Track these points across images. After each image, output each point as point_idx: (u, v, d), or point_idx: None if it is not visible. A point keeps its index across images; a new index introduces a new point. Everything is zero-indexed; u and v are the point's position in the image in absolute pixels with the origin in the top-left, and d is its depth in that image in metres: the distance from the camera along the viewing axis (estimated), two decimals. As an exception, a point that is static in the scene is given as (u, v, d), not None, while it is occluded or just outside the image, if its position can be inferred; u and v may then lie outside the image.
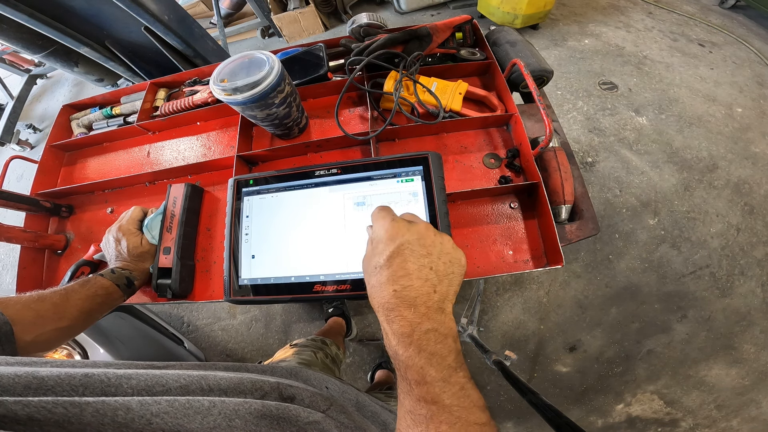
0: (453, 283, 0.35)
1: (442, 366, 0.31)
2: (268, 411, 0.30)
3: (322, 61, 0.79)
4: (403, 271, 0.33)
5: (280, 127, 0.74)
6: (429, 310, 0.32)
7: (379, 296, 0.34)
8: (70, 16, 1.19)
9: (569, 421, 0.66)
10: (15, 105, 2.81)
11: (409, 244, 0.35)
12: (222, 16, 2.22)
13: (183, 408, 0.26)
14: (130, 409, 0.24)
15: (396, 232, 0.36)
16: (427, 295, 0.33)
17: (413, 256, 0.34)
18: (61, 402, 0.22)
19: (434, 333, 0.32)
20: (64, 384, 0.25)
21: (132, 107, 0.91)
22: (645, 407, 1.46)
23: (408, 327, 0.32)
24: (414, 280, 0.33)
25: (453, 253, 0.37)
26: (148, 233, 0.69)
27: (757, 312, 1.51)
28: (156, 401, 0.25)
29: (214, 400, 0.28)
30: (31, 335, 0.47)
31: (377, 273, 0.35)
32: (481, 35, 0.86)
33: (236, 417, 0.27)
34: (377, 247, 0.36)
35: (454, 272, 0.36)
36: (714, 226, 1.66)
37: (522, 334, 1.58)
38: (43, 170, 0.88)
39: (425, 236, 0.36)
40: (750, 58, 2.20)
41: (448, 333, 0.32)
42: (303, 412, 0.32)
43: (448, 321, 0.33)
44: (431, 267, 0.34)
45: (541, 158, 0.67)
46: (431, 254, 0.35)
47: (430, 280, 0.34)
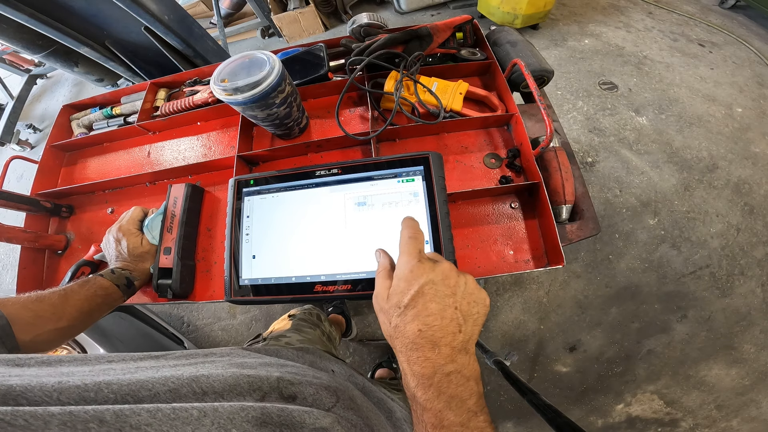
0: (478, 323, 0.35)
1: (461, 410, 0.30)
2: (269, 417, 0.27)
3: (322, 61, 0.79)
4: (427, 310, 0.33)
5: (281, 127, 0.74)
6: (453, 351, 0.32)
7: (402, 336, 0.33)
8: (70, 16, 1.19)
9: (569, 421, 0.66)
10: (15, 105, 2.80)
11: (434, 284, 0.34)
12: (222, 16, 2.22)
13: (168, 419, 0.23)
14: (104, 421, 0.21)
15: (421, 271, 0.35)
16: (453, 335, 0.32)
17: (437, 296, 0.33)
18: (22, 413, 0.19)
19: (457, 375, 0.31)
20: (35, 390, 0.22)
21: (132, 107, 0.91)
22: (645, 407, 1.46)
23: (430, 368, 0.31)
24: (439, 319, 0.32)
25: (477, 293, 0.36)
26: (149, 233, 0.69)
27: (757, 312, 1.51)
28: (135, 411, 0.22)
29: (206, 408, 0.25)
30: (29, 335, 0.47)
31: (401, 313, 0.34)
32: (481, 35, 0.86)
33: (232, 427, 0.25)
34: (399, 285, 0.35)
35: (479, 312, 0.35)
36: (714, 226, 1.66)
37: (522, 334, 1.58)
38: (44, 170, 0.88)
39: (449, 276, 0.35)
40: (750, 58, 2.20)
41: (471, 375, 0.31)
42: (308, 417, 0.30)
43: (472, 362, 0.32)
44: (456, 307, 0.33)
45: (542, 158, 0.67)
46: (455, 294, 0.34)
47: (455, 320, 0.33)
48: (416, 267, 0.35)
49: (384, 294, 0.36)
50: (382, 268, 0.39)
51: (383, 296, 0.36)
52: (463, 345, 0.32)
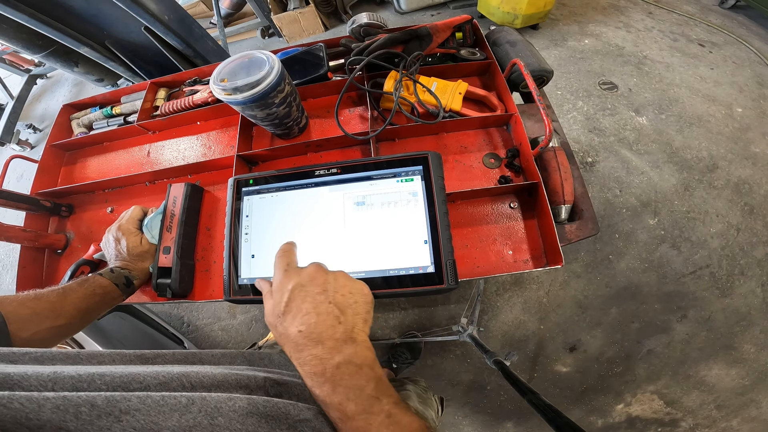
0: (358, 312, 0.36)
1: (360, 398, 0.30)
2: (255, 408, 0.28)
3: (322, 60, 0.79)
4: (302, 311, 0.34)
5: (280, 127, 0.74)
6: (337, 343, 0.33)
7: (288, 341, 0.34)
8: (70, 16, 1.19)
9: (569, 421, 0.66)
10: (15, 105, 2.81)
11: (302, 286, 0.36)
12: (222, 16, 2.22)
13: (157, 405, 0.24)
14: (96, 405, 0.22)
15: (288, 279, 0.37)
16: (332, 327, 0.33)
17: (308, 296, 0.35)
18: (17, 397, 0.20)
19: (347, 365, 0.32)
20: (31, 379, 0.24)
21: (132, 107, 0.91)
22: (645, 407, 1.46)
23: (319, 365, 0.32)
24: (314, 316, 0.34)
25: (350, 285, 0.37)
26: (148, 233, 0.69)
27: (757, 312, 1.51)
28: (125, 397, 0.23)
29: (193, 397, 0.26)
30: (26, 333, 0.47)
31: (280, 321, 0.35)
32: (481, 35, 0.86)
33: (219, 415, 0.26)
34: (275, 297, 0.37)
35: (357, 301, 0.36)
36: (714, 226, 1.66)
37: (522, 334, 1.58)
38: (44, 170, 0.88)
39: (316, 276, 0.37)
40: (750, 58, 2.20)
41: (363, 362, 0.32)
42: (293, 408, 0.31)
43: (361, 350, 0.33)
44: (330, 301, 0.35)
45: (541, 158, 0.67)
46: (327, 290, 0.36)
47: (331, 313, 0.34)
48: (283, 276, 0.38)
49: (269, 310, 0.38)
50: (265, 292, 0.41)
51: (269, 312, 0.38)
52: (347, 335, 0.33)
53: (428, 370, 1.58)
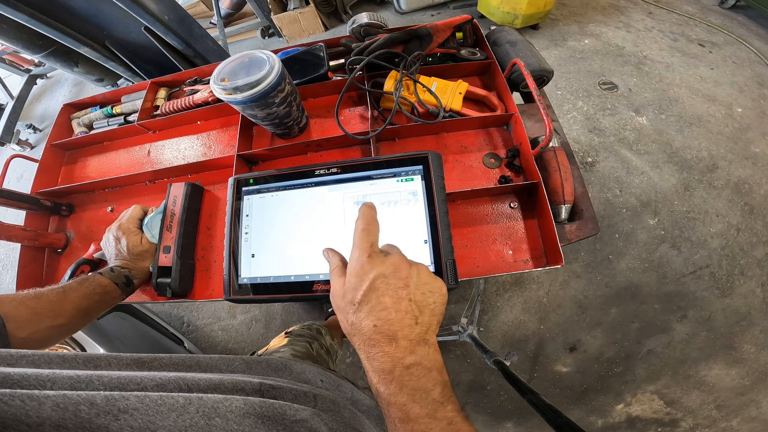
0: (435, 313, 0.34)
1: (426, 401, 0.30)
2: (252, 409, 0.28)
3: (322, 60, 0.79)
4: (381, 305, 0.32)
5: (281, 127, 0.74)
6: (411, 344, 0.31)
7: (359, 333, 0.33)
8: (70, 16, 1.19)
9: (569, 421, 0.67)
10: (15, 105, 2.81)
11: (385, 277, 0.33)
12: (222, 16, 2.22)
13: (155, 404, 0.24)
14: (94, 403, 0.22)
15: (371, 266, 0.34)
16: (409, 327, 0.32)
17: (390, 289, 0.33)
18: (18, 394, 0.20)
19: (417, 367, 0.31)
20: (31, 378, 0.24)
21: (132, 106, 0.91)
22: (645, 407, 1.46)
23: (389, 363, 0.31)
24: (393, 313, 0.32)
25: (432, 283, 0.35)
26: (148, 232, 0.69)
27: (757, 312, 1.51)
28: (124, 396, 0.24)
29: (191, 397, 0.26)
30: (26, 332, 0.47)
31: (355, 310, 0.33)
32: (481, 35, 0.86)
33: (216, 415, 0.26)
34: (351, 282, 0.35)
35: (436, 302, 0.35)
36: (714, 226, 1.66)
37: (522, 334, 1.58)
38: (44, 169, 0.88)
39: (400, 268, 0.34)
40: (750, 58, 2.20)
41: (433, 366, 0.31)
42: (289, 409, 0.31)
43: (432, 353, 0.32)
44: (410, 298, 0.33)
45: (541, 158, 0.67)
46: (408, 286, 0.34)
47: (410, 311, 0.32)
48: (366, 262, 0.35)
49: (339, 292, 0.36)
50: (334, 267, 0.39)
51: (339, 294, 0.36)
52: (421, 336, 0.32)
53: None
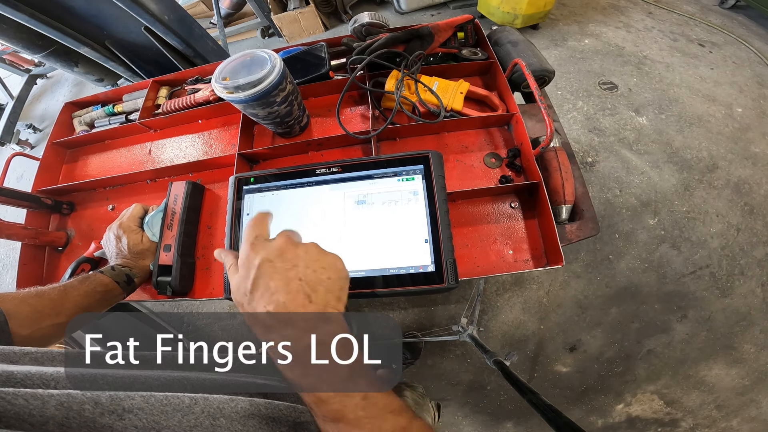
0: (332, 289, 0.33)
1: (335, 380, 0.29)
2: (257, 410, 0.28)
3: (323, 60, 0.79)
4: (270, 289, 0.31)
5: (282, 126, 0.74)
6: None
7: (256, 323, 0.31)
8: (70, 16, 1.19)
9: (569, 421, 0.66)
10: (15, 105, 2.81)
11: (270, 261, 0.32)
12: (222, 16, 2.22)
13: (160, 404, 0.24)
14: (99, 403, 0.22)
15: (254, 253, 0.33)
16: (303, 307, 0.30)
17: (277, 272, 0.32)
18: (22, 393, 0.20)
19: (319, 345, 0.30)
20: (35, 377, 0.24)
21: (134, 105, 0.91)
22: (645, 407, 1.46)
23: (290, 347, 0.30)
24: (283, 294, 0.30)
25: (322, 259, 0.34)
26: (149, 230, 0.69)
27: (757, 312, 1.51)
28: (129, 396, 0.23)
29: (196, 397, 0.26)
30: (27, 330, 0.47)
31: (247, 300, 0.32)
32: (482, 35, 0.86)
33: (221, 416, 0.26)
34: (240, 273, 0.34)
35: (330, 277, 0.33)
36: (714, 226, 1.66)
37: (522, 334, 1.58)
38: (45, 167, 0.88)
39: (285, 249, 0.33)
40: (750, 58, 2.20)
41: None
42: (293, 411, 0.30)
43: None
44: (299, 278, 0.32)
45: (542, 158, 0.67)
46: (297, 266, 0.32)
47: (301, 291, 0.31)
48: (250, 250, 0.34)
49: (234, 287, 0.35)
50: (229, 265, 0.37)
51: (234, 289, 0.35)
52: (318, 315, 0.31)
53: (428, 370, 1.58)
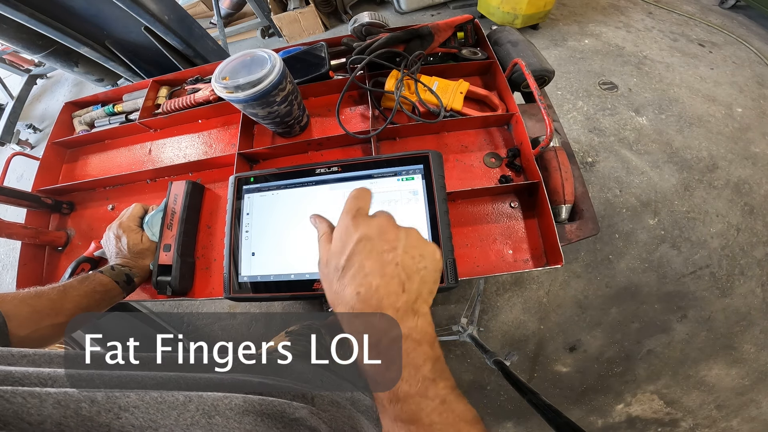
0: (426, 281, 0.31)
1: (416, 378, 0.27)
2: (251, 406, 0.27)
3: (323, 59, 0.79)
4: (364, 270, 0.29)
5: (282, 125, 0.74)
6: (398, 313, 0.28)
7: (341, 303, 0.30)
8: (70, 16, 1.19)
9: (569, 421, 0.66)
10: (15, 105, 2.81)
11: (369, 239, 0.30)
12: (222, 16, 2.22)
13: (155, 402, 0.24)
14: (95, 401, 0.22)
15: (354, 228, 0.31)
16: (395, 294, 0.29)
17: (374, 252, 0.30)
18: (20, 392, 0.20)
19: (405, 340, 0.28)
20: (32, 376, 0.24)
21: (134, 105, 0.91)
22: (645, 407, 1.46)
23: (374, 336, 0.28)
24: (377, 278, 0.29)
25: (422, 246, 0.32)
26: (149, 230, 0.69)
27: (757, 312, 1.51)
28: (125, 394, 0.23)
29: (191, 395, 0.26)
30: (26, 330, 0.47)
31: (338, 276, 0.30)
32: (482, 35, 0.86)
33: (216, 413, 0.25)
34: (335, 246, 0.32)
35: (427, 267, 0.31)
36: (714, 226, 1.66)
37: (522, 334, 1.58)
38: (45, 167, 0.88)
39: (387, 230, 0.31)
40: (750, 58, 2.20)
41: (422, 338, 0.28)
42: (288, 407, 0.30)
43: (422, 324, 0.29)
44: (397, 262, 0.30)
45: (542, 158, 0.67)
46: (396, 249, 0.30)
47: (397, 276, 0.29)
48: (350, 224, 0.32)
49: (324, 259, 0.33)
50: (322, 233, 0.35)
51: (324, 261, 0.33)
52: (409, 305, 0.29)
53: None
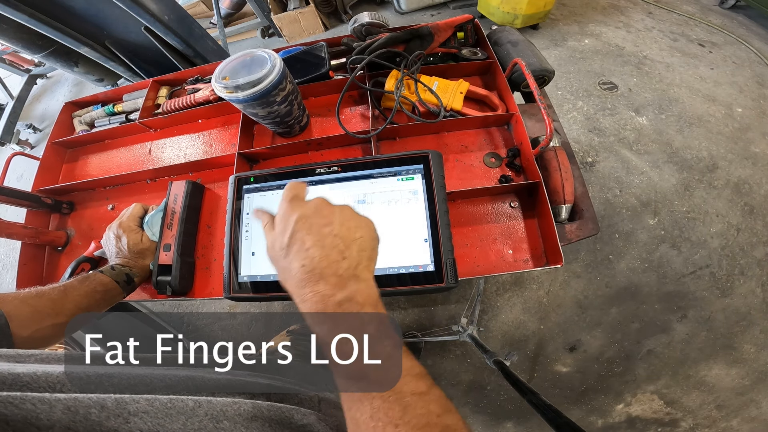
0: (364, 248, 0.34)
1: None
2: (259, 412, 0.28)
3: (323, 59, 0.79)
4: (305, 244, 0.32)
5: (282, 125, 0.74)
6: (340, 279, 0.31)
7: (290, 277, 0.32)
8: (70, 16, 1.19)
9: (569, 421, 0.66)
10: (15, 105, 2.81)
11: (307, 218, 0.33)
12: (222, 16, 2.22)
13: (164, 408, 0.24)
14: (105, 407, 0.22)
15: (292, 210, 0.34)
16: (336, 263, 0.31)
17: (313, 228, 0.33)
18: (30, 398, 0.20)
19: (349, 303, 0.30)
20: (41, 380, 0.24)
21: (134, 105, 0.91)
22: (645, 407, 1.46)
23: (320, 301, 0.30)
24: (318, 249, 0.31)
25: (356, 218, 0.35)
26: (149, 230, 0.69)
27: (757, 312, 1.51)
28: (134, 399, 0.24)
29: (200, 400, 0.26)
30: (27, 331, 0.47)
31: (283, 254, 0.33)
32: (482, 35, 0.86)
33: (224, 419, 0.26)
34: (277, 228, 0.35)
35: (363, 236, 0.34)
36: (714, 226, 1.66)
37: (522, 334, 1.58)
38: (45, 167, 0.88)
39: (322, 207, 0.35)
40: (750, 58, 2.20)
41: (366, 301, 0.30)
42: (296, 413, 0.31)
43: (364, 288, 0.31)
44: (334, 234, 0.33)
45: (542, 158, 0.67)
46: (332, 223, 0.33)
47: (335, 247, 0.32)
48: (287, 207, 0.35)
49: (270, 243, 0.36)
50: (265, 223, 0.39)
51: (270, 246, 0.36)
52: (351, 271, 0.32)
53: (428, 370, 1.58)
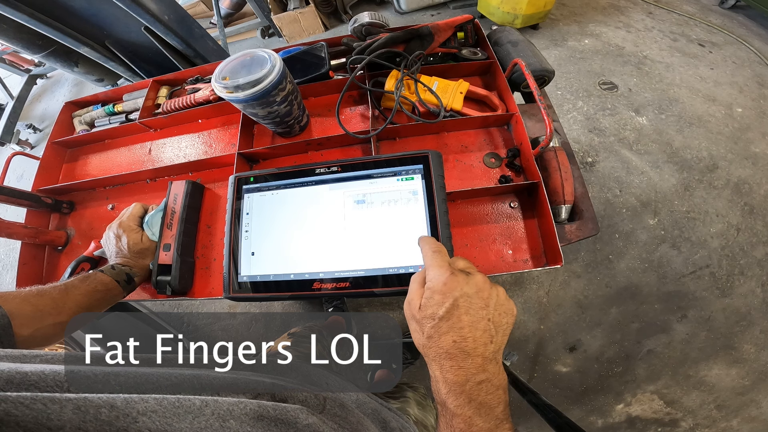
0: (506, 334, 0.37)
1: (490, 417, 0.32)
2: (265, 411, 0.28)
3: (323, 59, 0.79)
4: (461, 323, 0.35)
5: (281, 125, 0.74)
6: (485, 361, 0.34)
7: (436, 346, 0.35)
8: (70, 16, 1.20)
9: (569, 421, 0.66)
10: (15, 105, 2.81)
11: (468, 297, 0.36)
12: (222, 16, 2.22)
13: (172, 407, 0.24)
14: (115, 406, 0.22)
15: (455, 284, 0.36)
16: (485, 345, 0.34)
17: (472, 309, 0.35)
18: (41, 398, 0.20)
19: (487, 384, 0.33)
20: (48, 379, 0.24)
21: (134, 105, 0.91)
22: (645, 407, 1.46)
23: (463, 377, 0.33)
24: (473, 331, 0.34)
25: (507, 305, 0.38)
26: (149, 230, 0.69)
27: (757, 312, 1.51)
28: (143, 399, 0.24)
29: (207, 400, 0.26)
30: (29, 329, 0.47)
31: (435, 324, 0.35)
32: (482, 35, 0.86)
33: (231, 418, 0.26)
34: (433, 297, 0.37)
35: (508, 323, 0.37)
36: (714, 226, 1.66)
37: (522, 334, 1.58)
38: (45, 166, 0.88)
39: (483, 289, 0.37)
40: (750, 58, 2.20)
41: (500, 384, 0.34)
42: (301, 413, 0.31)
43: (500, 372, 0.34)
44: (489, 318, 0.35)
45: (542, 158, 0.67)
46: (488, 306, 0.36)
47: (488, 331, 0.35)
48: (450, 280, 0.37)
49: (416, 303, 0.38)
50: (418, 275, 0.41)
51: (416, 305, 0.38)
52: (494, 355, 0.35)
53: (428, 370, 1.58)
